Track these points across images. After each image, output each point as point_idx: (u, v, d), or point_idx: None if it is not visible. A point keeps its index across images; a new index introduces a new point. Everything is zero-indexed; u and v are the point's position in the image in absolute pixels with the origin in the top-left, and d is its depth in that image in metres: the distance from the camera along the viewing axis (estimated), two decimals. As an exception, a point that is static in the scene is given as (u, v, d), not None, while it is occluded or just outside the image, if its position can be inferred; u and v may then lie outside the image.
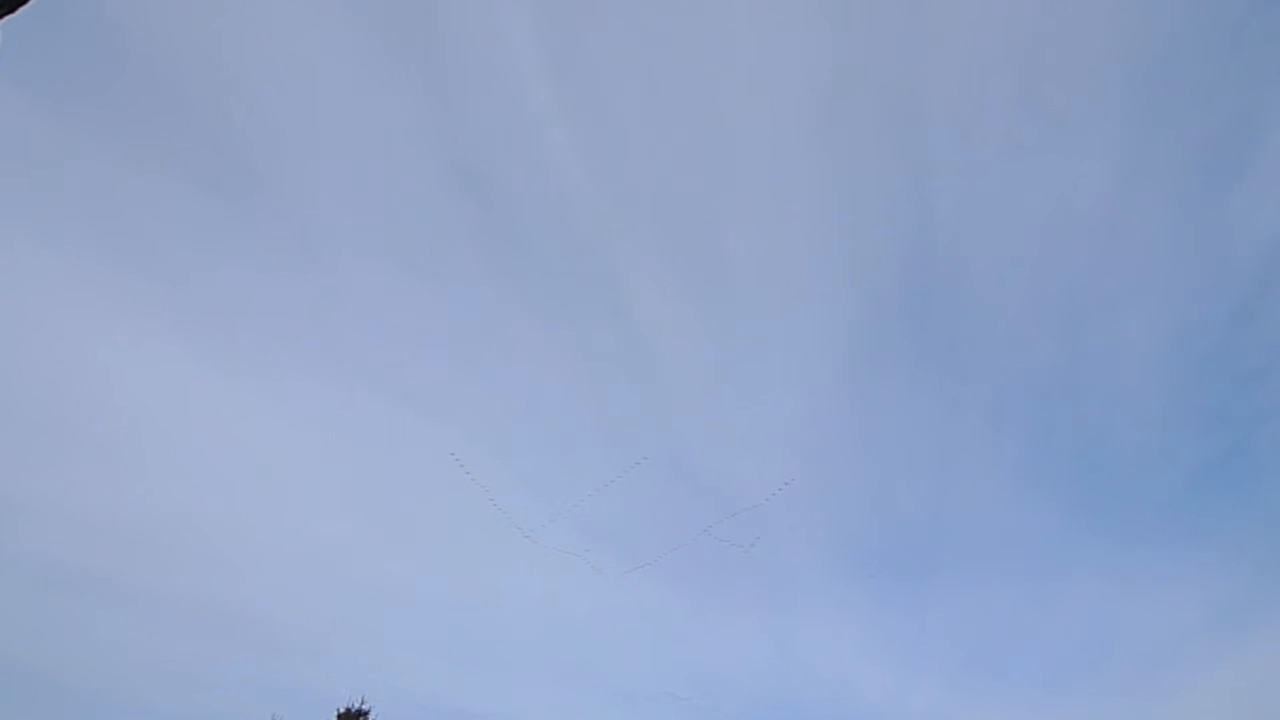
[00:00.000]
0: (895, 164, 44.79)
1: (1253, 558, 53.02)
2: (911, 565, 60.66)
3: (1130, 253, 47.38)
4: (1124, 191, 45.31)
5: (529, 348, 53.36)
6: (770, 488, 58.41)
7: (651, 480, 57.84)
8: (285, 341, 50.89)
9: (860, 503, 58.93)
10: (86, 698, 42.28)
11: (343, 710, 26.49)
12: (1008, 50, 41.10)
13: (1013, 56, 41.51)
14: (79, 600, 43.99)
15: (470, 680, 54.98)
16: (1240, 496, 53.60)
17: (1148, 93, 42.28)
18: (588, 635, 56.93)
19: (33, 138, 40.33)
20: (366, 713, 26.53)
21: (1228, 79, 41.85)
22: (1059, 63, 41.35)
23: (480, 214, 49.22)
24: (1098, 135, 44.12)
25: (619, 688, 55.69)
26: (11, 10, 6.13)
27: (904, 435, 55.47)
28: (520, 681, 57.08)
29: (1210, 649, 52.97)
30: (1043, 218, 46.04)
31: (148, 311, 45.99)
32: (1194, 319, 49.01)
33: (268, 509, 52.04)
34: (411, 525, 54.59)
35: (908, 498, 58.17)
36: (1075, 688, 53.83)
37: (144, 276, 46.31)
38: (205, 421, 50.19)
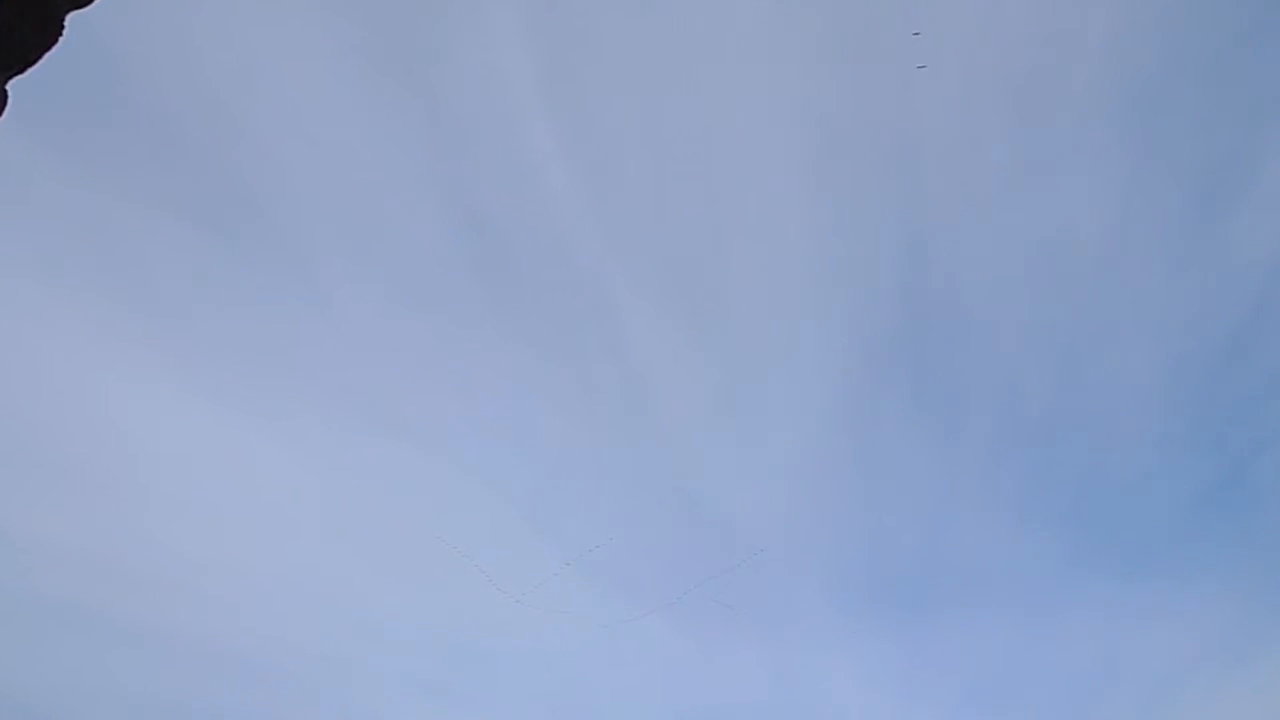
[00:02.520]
0: (891, 197, 45.20)
1: (1255, 586, 52.74)
2: (912, 598, 60.24)
3: (1128, 281, 47.68)
4: (1121, 219, 45.70)
5: (527, 381, 53.31)
6: (770, 520, 58.19)
7: (650, 514, 57.61)
8: (286, 376, 50.73)
9: (860, 536, 58.66)
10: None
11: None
12: (1003, 80, 41.65)
13: (1008, 86, 42.03)
14: (83, 639, 43.45)
15: (468, 716, 54.22)
16: (1241, 525, 53.41)
17: (1144, 120, 42.79)
18: (583, 673, 56.22)
19: (29, 172, 40.47)
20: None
21: (1225, 105, 42.34)
22: (1055, 91, 41.91)
23: (478, 249, 49.42)
24: (1094, 163, 44.60)
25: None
26: (25, 67, 6.12)
27: (903, 468, 55.39)
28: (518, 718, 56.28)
29: (1214, 679, 52.48)
30: (1039, 246, 46.42)
31: (148, 347, 45.85)
32: (1192, 347, 49.22)
33: (267, 546, 51.62)
34: (410, 563, 54.12)
35: (908, 530, 57.89)
36: (1078, 717, 53.22)
37: (144, 312, 46.26)
38: (206, 457, 49.91)
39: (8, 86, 5.98)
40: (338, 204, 47.54)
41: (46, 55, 6.06)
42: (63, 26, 6.06)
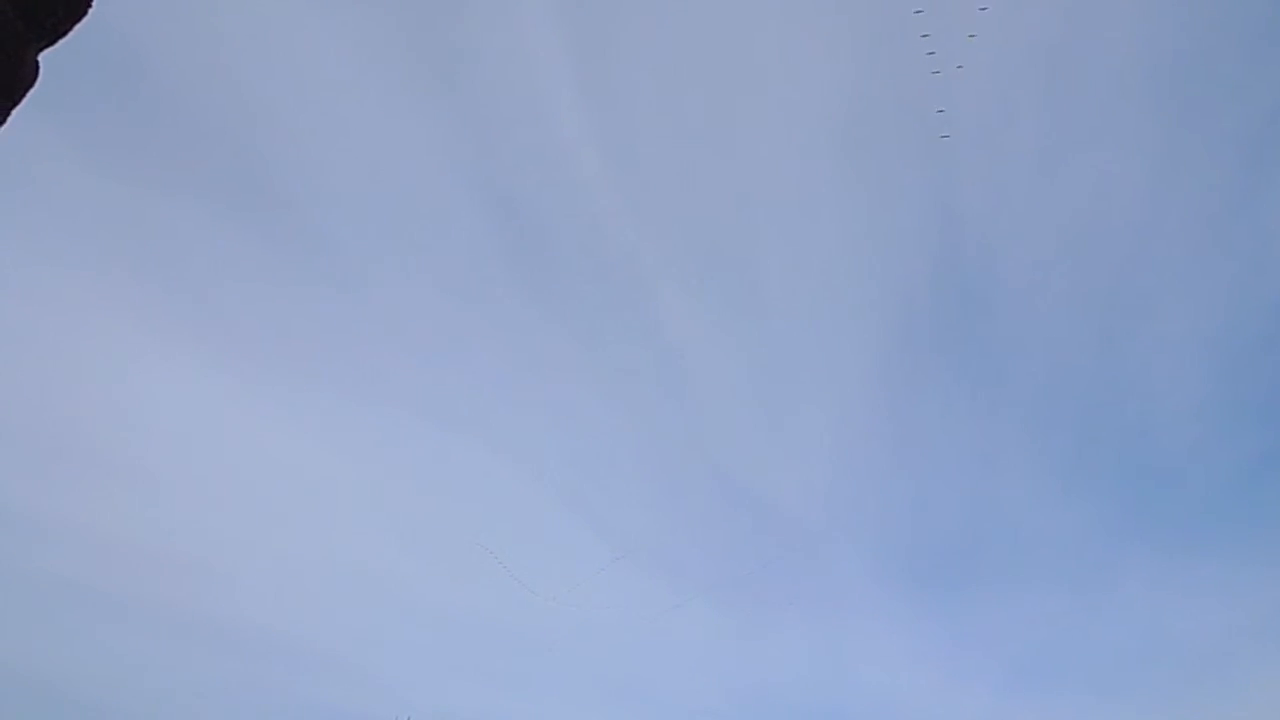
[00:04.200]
0: (923, 175, 44.32)
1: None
2: (955, 573, 59.49)
3: (1167, 251, 46.34)
4: (1158, 190, 44.41)
5: (562, 365, 53.41)
6: (810, 499, 57.78)
7: (691, 496, 57.58)
8: (314, 359, 51.31)
9: (902, 511, 57.96)
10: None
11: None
12: (1034, 54, 40.51)
13: (1039, 60, 40.89)
14: (111, 623, 44.37)
15: (512, 700, 54.85)
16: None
17: (1178, 91, 41.41)
18: (630, 654, 56.52)
19: (54, 159, 41.31)
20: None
21: (1260, 74, 40.83)
22: (1084, 67, 40.68)
23: (512, 235, 49.49)
24: (1128, 135, 43.31)
25: (662, 706, 55.17)
26: (56, 38, 6.17)
27: (943, 442, 54.54)
28: (562, 700, 56.83)
29: (1265, 653, 51.12)
30: (1075, 220, 45.24)
31: (174, 329, 46.61)
32: (1234, 316, 47.70)
33: (299, 527, 52.34)
34: (448, 543, 54.74)
35: (949, 505, 57.12)
36: (1126, 694, 52.22)
37: (169, 294, 46.93)
38: (232, 440, 50.73)
39: (39, 58, 6.04)
40: (372, 193, 47.87)
41: (77, 26, 6.10)
42: (92, -2, 6.10)
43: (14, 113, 5.76)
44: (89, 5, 6.14)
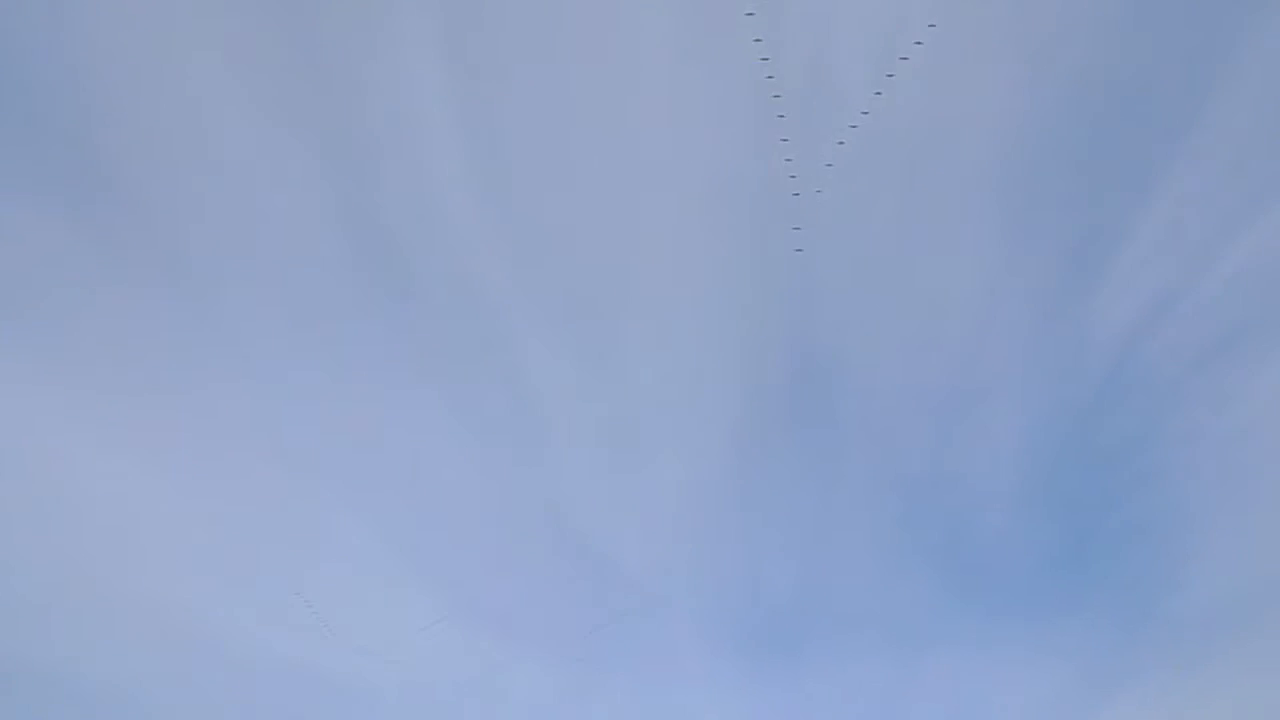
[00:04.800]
0: (787, 253, 46.74)
1: (1105, 631, 56.91)
2: (790, 638, 61.35)
3: (992, 356, 51.03)
4: (989, 300, 48.95)
5: (412, 404, 51.60)
6: (653, 560, 58.17)
7: (535, 548, 56.49)
8: (144, 373, 47.17)
9: (740, 578, 59.44)
10: None
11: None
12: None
13: (903, 154, 44.23)
14: None
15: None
16: (1093, 574, 57.55)
17: (1023, 197, 45.91)
18: (456, 713, 54.28)
19: None
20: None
21: (1086, 192, 45.94)
22: (946, 165, 44.45)
23: (373, 264, 47.42)
24: (974, 234, 47.42)
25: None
26: None
27: (785, 512, 56.70)
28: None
29: (1079, 710, 56.07)
30: (914, 323, 49.24)
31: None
32: (1047, 418, 52.96)
33: (99, 555, 47.64)
34: (268, 587, 51.05)
35: (785, 574, 59.17)
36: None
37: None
38: (35, 459, 45.78)
39: None
40: (227, 203, 44.97)
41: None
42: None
43: None
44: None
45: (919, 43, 39.26)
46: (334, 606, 51.44)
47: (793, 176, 39.14)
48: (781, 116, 38.00)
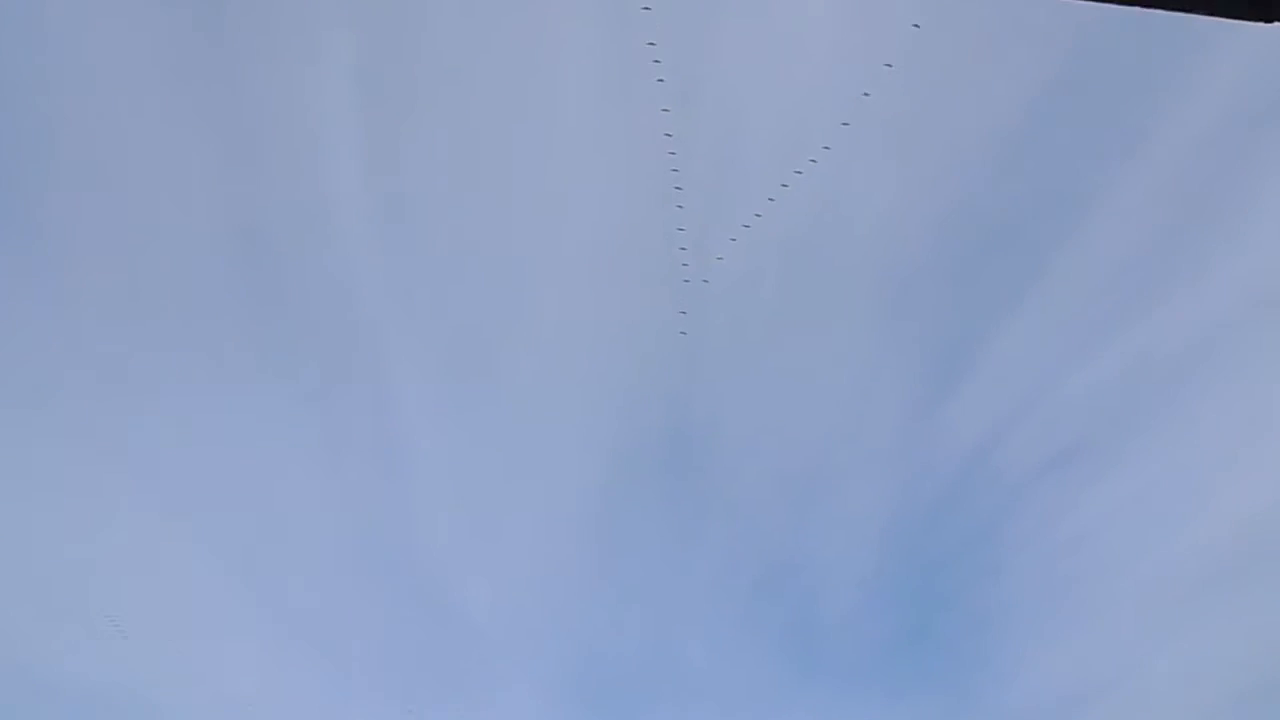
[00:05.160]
0: (668, 332, 47.70)
1: (935, 716, 59.70)
2: (628, 702, 61.16)
3: (854, 444, 53.35)
4: (864, 387, 51.07)
5: (275, 419, 49.17)
6: (502, 609, 57.05)
7: (382, 587, 54.41)
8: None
9: (585, 636, 59.14)
10: None
11: None
12: (785, 248, 45.57)
13: (789, 254, 45.94)
14: None
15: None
16: (929, 661, 60.48)
17: (897, 306, 48.33)
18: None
19: None
20: None
21: (962, 307, 48.80)
22: (827, 266, 46.43)
23: (251, 273, 45.06)
24: (850, 336, 49.53)
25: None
26: None
27: (639, 578, 57.06)
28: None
29: None
30: (784, 409, 51.09)
31: None
32: (900, 508, 55.55)
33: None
34: (84, 611, 47.06)
35: (632, 636, 59.29)
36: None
37: None
38: None
39: None
40: (100, 192, 41.93)
41: None
42: None
43: None
44: None
45: (827, 147, 40.13)
46: (145, 622, 47.84)
47: (685, 265, 40.05)
48: (680, 207, 38.80)
